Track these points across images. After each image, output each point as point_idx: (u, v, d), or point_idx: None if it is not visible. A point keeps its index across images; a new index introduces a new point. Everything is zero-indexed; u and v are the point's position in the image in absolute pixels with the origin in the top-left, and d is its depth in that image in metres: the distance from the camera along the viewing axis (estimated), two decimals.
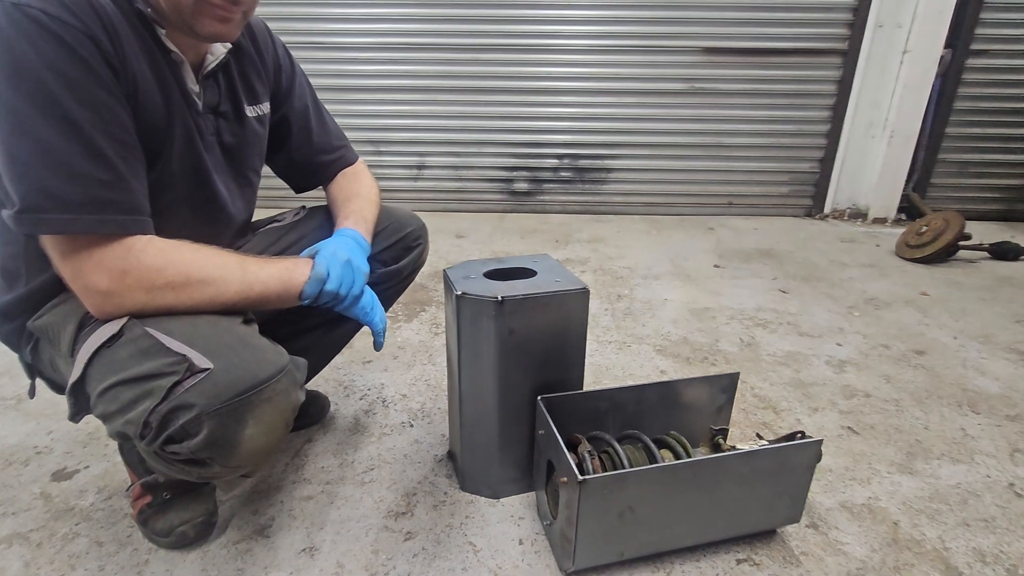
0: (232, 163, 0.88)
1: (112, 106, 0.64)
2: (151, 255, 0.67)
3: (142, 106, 0.69)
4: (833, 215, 3.29)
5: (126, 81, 0.67)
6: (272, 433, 0.67)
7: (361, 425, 1.25)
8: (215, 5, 0.70)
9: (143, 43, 0.69)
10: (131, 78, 0.67)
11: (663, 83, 3.11)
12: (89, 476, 1.07)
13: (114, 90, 0.64)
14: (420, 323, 1.78)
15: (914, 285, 2.19)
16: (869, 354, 1.61)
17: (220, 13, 0.71)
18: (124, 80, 0.66)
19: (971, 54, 3.00)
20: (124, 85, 0.66)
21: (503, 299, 0.87)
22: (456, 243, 2.68)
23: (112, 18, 0.65)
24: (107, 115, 0.64)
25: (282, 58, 0.96)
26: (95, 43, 0.62)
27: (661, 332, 1.73)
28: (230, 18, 0.73)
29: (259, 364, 0.65)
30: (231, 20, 0.73)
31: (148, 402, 0.61)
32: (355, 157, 1.08)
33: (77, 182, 0.62)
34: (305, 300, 0.78)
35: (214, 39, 0.74)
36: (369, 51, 3.10)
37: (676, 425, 1.01)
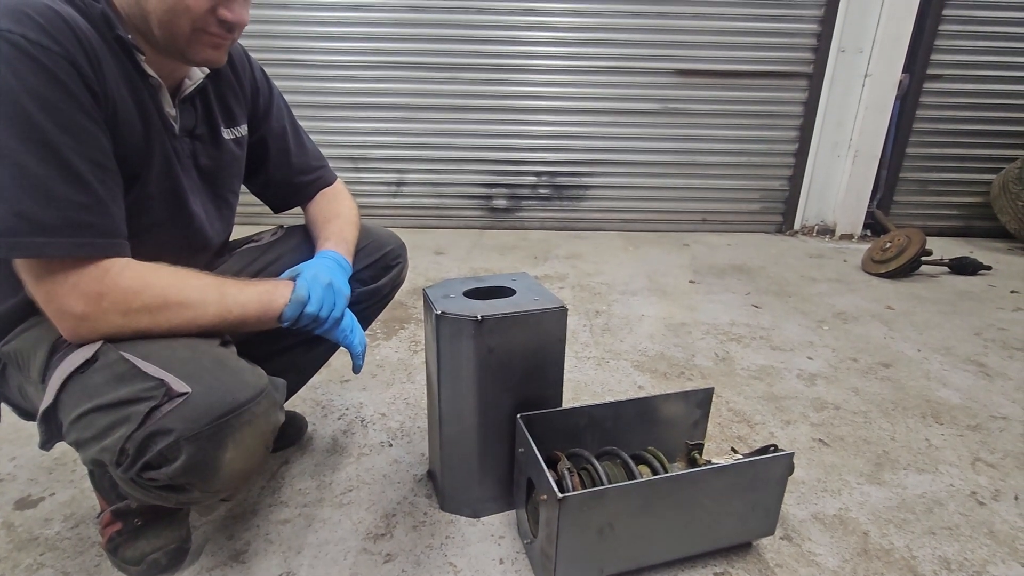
0: (209, 185, 0.88)
1: (91, 130, 0.64)
2: (128, 278, 0.66)
3: (121, 130, 0.69)
4: (802, 231, 3.40)
5: (105, 105, 0.67)
6: (252, 456, 0.66)
7: (339, 446, 1.23)
8: (212, 34, 0.72)
9: (123, 68, 0.70)
10: (111, 102, 0.67)
11: (638, 103, 3.20)
12: (55, 504, 1.03)
13: (93, 114, 0.64)
14: (399, 341, 1.77)
15: (880, 299, 2.27)
16: (838, 367, 1.66)
17: (215, 41, 0.73)
18: (103, 104, 0.66)
19: (927, 78, 3.16)
20: (103, 109, 0.66)
21: (482, 318, 0.88)
22: (435, 260, 2.68)
23: (93, 43, 0.65)
24: (85, 139, 0.64)
25: (259, 80, 0.97)
26: (75, 68, 0.62)
27: (638, 348, 1.76)
28: (222, 45, 0.75)
29: (238, 387, 0.65)
30: (223, 47, 0.76)
31: (125, 428, 0.60)
32: (334, 177, 1.09)
33: (54, 205, 0.61)
34: (285, 323, 0.78)
35: (205, 64, 0.76)
36: (348, 69, 3.12)
37: (653, 440, 1.03)
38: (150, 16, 0.69)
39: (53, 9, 0.62)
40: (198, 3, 0.69)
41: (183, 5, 0.68)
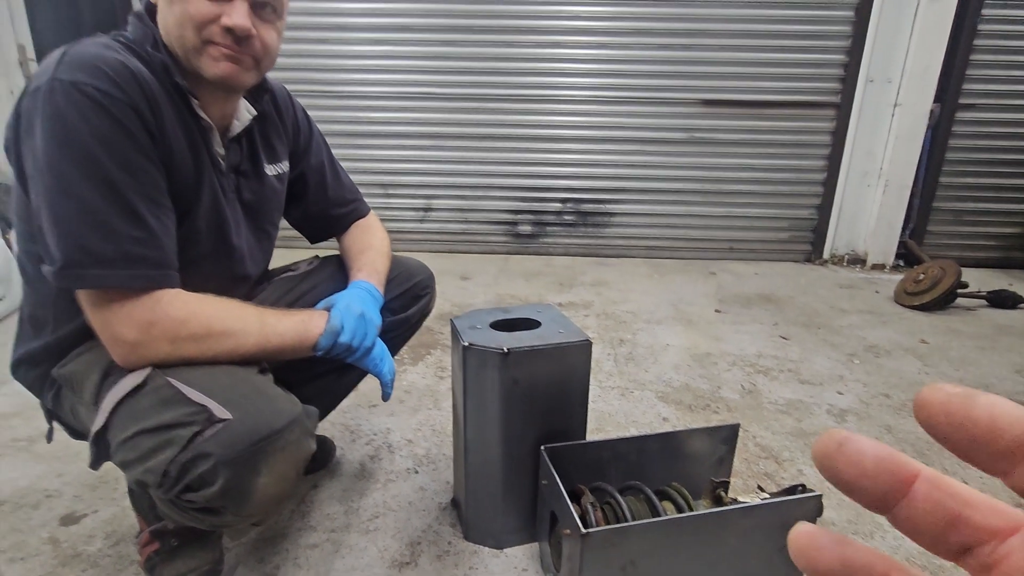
0: (251, 218, 0.93)
1: (148, 169, 0.70)
2: (177, 308, 0.71)
3: (175, 168, 0.75)
4: (832, 260, 3.34)
5: (162, 146, 0.73)
6: (284, 482, 0.69)
7: (367, 471, 1.26)
8: (219, 45, 0.73)
9: (178, 111, 0.76)
10: (167, 143, 0.73)
11: (663, 132, 3.23)
12: (97, 521, 1.08)
13: (151, 154, 0.70)
14: (426, 366, 1.80)
15: (913, 333, 2.21)
16: (870, 403, 1.63)
17: (224, 52, 0.74)
18: (160, 145, 0.72)
19: (960, 108, 3.11)
20: (160, 149, 0.72)
21: (508, 351, 0.91)
22: (461, 285, 2.73)
23: (154, 90, 0.71)
24: (143, 177, 0.70)
25: (300, 120, 1.03)
26: (137, 113, 0.68)
27: (663, 378, 1.75)
28: (238, 59, 0.75)
29: (274, 414, 0.68)
30: (239, 62, 0.75)
31: (169, 451, 0.64)
32: (367, 209, 1.14)
33: (112, 239, 0.67)
34: (320, 351, 0.81)
35: (223, 82, 0.76)
36: (380, 99, 3.24)
37: (677, 475, 1.02)
38: (171, 37, 0.73)
39: (122, 62, 0.68)
40: (199, 9, 0.71)
41: (187, 15, 0.71)
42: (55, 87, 0.64)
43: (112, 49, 0.70)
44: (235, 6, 0.73)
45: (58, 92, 0.64)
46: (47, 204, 0.65)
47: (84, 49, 0.68)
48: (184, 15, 0.72)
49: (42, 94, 0.64)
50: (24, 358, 0.82)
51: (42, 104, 0.64)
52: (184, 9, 0.72)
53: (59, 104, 0.64)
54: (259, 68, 0.81)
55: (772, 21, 3.04)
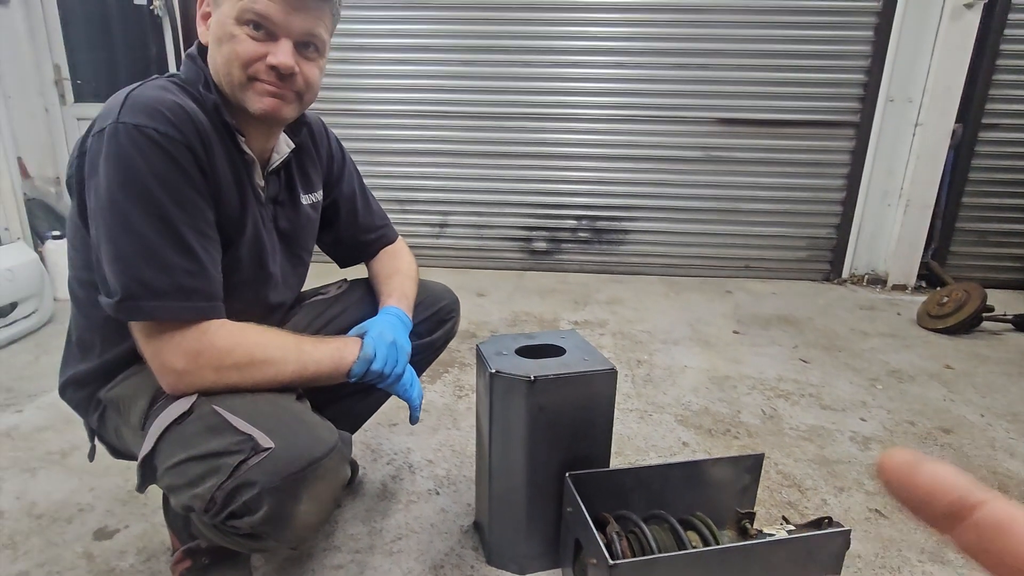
0: (287, 245, 0.96)
1: (200, 204, 0.73)
2: (222, 337, 0.74)
3: (222, 201, 0.79)
4: (852, 280, 3.31)
5: (212, 181, 0.76)
6: (323, 509, 0.71)
7: (389, 491, 1.27)
8: (264, 81, 0.76)
9: (227, 148, 0.79)
10: (216, 178, 0.77)
11: (679, 151, 3.24)
12: (129, 536, 1.10)
13: (203, 191, 0.74)
14: (444, 385, 1.82)
15: (937, 357, 2.18)
16: (894, 431, 1.60)
17: (268, 89, 0.77)
18: (211, 180, 0.76)
19: (983, 128, 3.09)
20: (210, 184, 0.76)
21: (535, 378, 0.92)
22: (477, 302, 2.75)
23: (206, 129, 0.75)
24: (195, 212, 0.73)
25: (335, 150, 1.06)
26: (192, 152, 0.72)
27: (682, 401, 1.75)
28: (281, 95, 0.78)
29: (314, 443, 0.70)
30: (283, 97, 0.78)
31: (215, 479, 0.66)
32: (396, 235, 1.17)
33: (167, 272, 0.70)
34: (353, 378, 0.83)
35: (267, 116, 0.79)
36: (398, 117, 3.31)
37: (701, 504, 1.02)
38: (220, 75, 0.77)
39: (179, 104, 0.72)
40: (246, 49, 0.74)
41: (235, 53, 0.75)
42: (119, 130, 0.68)
43: (169, 91, 0.73)
44: (280, 46, 0.76)
45: (121, 134, 0.68)
46: (108, 239, 0.69)
47: (144, 92, 0.71)
48: (232, 54, 0.75)
49: (106, 136, 0.68)
50: (71, 380, 0.85)
51: (106, 145, 0.68)
52: (232, 49, 0.75)
53: (122, 145, 0.68)
54: (301, 102, 0.84)
55: (789, 41, 3.05)
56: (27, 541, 1.09)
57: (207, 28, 0.78)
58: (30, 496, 1.23)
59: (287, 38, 0.76)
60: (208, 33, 0.77)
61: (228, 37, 0.74)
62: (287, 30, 0.75)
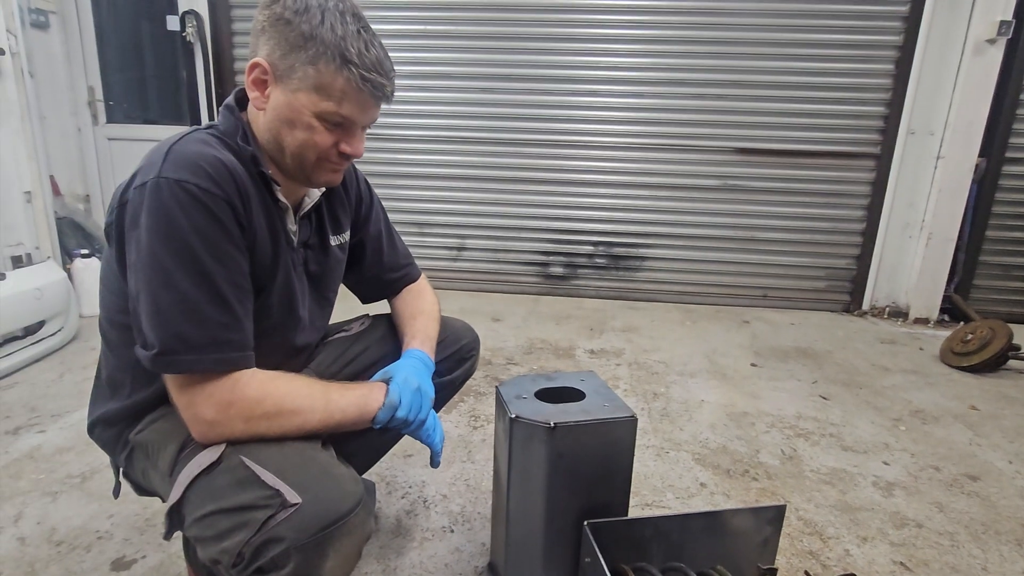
0: (315, 287, 0.98)
1: (236, 258, 0.75)
2: (253, 388, 0.74)
3: (257, 250, 0.81)
4: (872, 312, 3.26)
5: (249, 234, 0.78)
6: (349, 563, 0.71)
7: (403, 527, 1.27)
8: (332, 162, 0.84)
9: (262, 197, 0.82)
10: (252, 229, 0.79)
11: (696, 179, 3.25)
12: (146, 567, 1.11)
13: (240, 244, 0.76)
14: (459, 415, 1.81)
15: (962, 397, 2.13)
16: (919, 476, 1.56)
17: (335, 167, 0.85)
18: (248, 233, 0.78)
19: (1006, 161, 3.05)
20: (247, 238, 0.78)
21: (556, 425, 0.91)
22: (492, 327, 2.75)
23: (246, 183, 0.77)
24: (232, 265, 0.75)
25: (363, 191, 1.08)
26: (232, 208, 0.74)
27: (699, 438, 1.72)
28: (341, 170, 0.88)
29: (341, 498, 0.70)
30: (340, 171, 0.88)
31: (243, 533, 0.66)
32: (419, 274, 1.18)
33: (204, 326, 0.71)
34: (378, 425, 0.84)
35: (325, 185, 0.90)
36: (418, 142, 3.36)
37: (720, 555, 1.00)
38: (285, 150, 0.82)
39: (220, 160, 0.74)
40: (324, 140, 0.81)
41: (312, 142, 0.80)
42: (161, 184, 0.70)
43: (209, 145, 0.76)
44: (356, 137, 0.83)
45: (164, 189, 0.70)
46: (148, 292, 0.70)
47: (187, 147, 0.74)
48: (310, 143, 0.80)
49: (148, 190, 0.70)
50: (100, 419, 0.86)
51: (148, 199, 0.70)
52: (311, 138, 0.80)
53: (164, 200, 0.70)
54: None
55: (810, 73, 3.06)
56: (46, 569, 1.10)
57: (264, 96, 0.79)
58: (50, 521, 1.24)
59: (361, 127, 0.83)
60: (265, 102, 0.80)
61: (305, 127, 0.79)
62: (363, 123, 0.83)
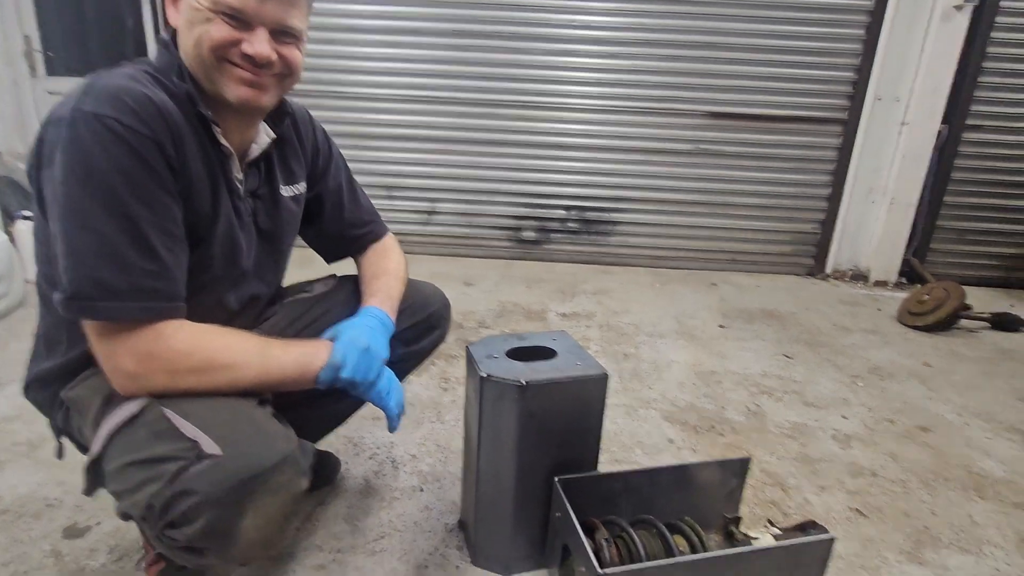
0: (266, 241, 0.92)
1: (166, 202, 0.69)
2: (179, 340, 0.69)
3: (193, 198, 0.74)
4: (834, 275, 3.35)
5: (182, 178, 0.72)
6: (270, 524, 0.68)
7: (371, 488, 1.25)
8: (238, 66, 0.73)
9: (200, 141, 0.75)
10: (187, 175, 0.72)
11: (669, 143, 3.22)
12: (100, 534, 1.07)
13: (170, 188, 0.69)
14: (429, 377, 1.79)
15: (917, 355, 2.22)
16: (875, 429, 1.63)
17: (244, 76, 0.74)
18: (181, 177, 0.71)
19: (967, 128, 3.12)
20: (180, 182, 0.71)
21: (527, 383, 0.90)
22: (464, 291, 2.72)
23: (178, 123, 0.70)
24: (160, 210, 0.68)
25: (321, 142, 1.02)
26: (159, 148, 0.67)
27: (668, 396, 1.75)
28: (259, 83, 0.75)
29: (266, 452, 0.66)
30: (261, 86, 0.75)
31: (154, 485, 0.63)
32: (385, 231, 1.12)
33: (126, 272, 0.66)
34: (320, 385, 0.80)
35: (245, 106, 0.76)
36: (387, 101, 3.22)
37: (688, 507, 1.02)
38: (191, 59, 0.73)
39: (147, 96, 0.67)
40: (219, 32, 0.71)
41: (208, 35, 0.71)
42: (77, 118, 0.63)
43: (138, 81, 0.68)
44: (256, 35, 0.73)
45: (80, 124, 0.63)
46: (64, 234, 0.64)
47: (110, 80, 0.66)
48: (204, 35, 0.71)
49: (65, 125, 0.63)
50: (36, 378, 0.81)
51: (65, 135, 0.63)
52: (205, 30, 0.71)
53: (81, 136, 0.63)
54: (282, 86, 0.81)
55: (781, 36, 3.04)
56: None
57: (177, 11, 0.73)
58: None
59: (262, 27, 0.73)
60: (178, 16, 0.72)
61: (201, 20, 0.70)
62: (261, 19, 0.72)
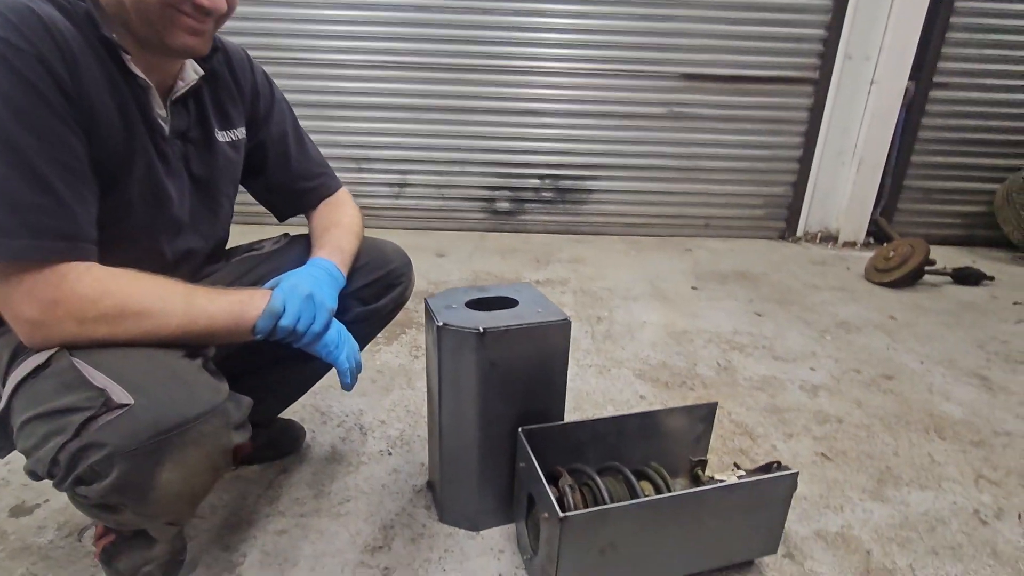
0: (201, 189, 0.86)
1: (59, 131, 0.63)
2: (86, 284, 0.64)
3: (99, 132, 0.68)
4: (805, 238, 3.38)
5: (80, 107, 0.65)
6: (195, 478, 0.64)
7: (338, 453, 1.22)
8: (185, 14, 0.69)
9: (105, 69, 0.68)
10: (86, 104, 0.66)
11: (643, 107, 3.18)
12: (49, 511, 1.02)
13: (64, 117, 0.63)
14: (400, 346, 1.76)
15: (882, 309, 2.26)
16: (841, 379, 1.65)
17: (191, 24, 0.70)
18: (78, 106, 0.65)
19: (933, 86, 3.14)
20: (77, 111, 0.65)
21: (485, 331, 0.87)
22: (437, 262, 2.67)
23: (71, 43, 0.63)
24: (52, 140, 0.62)
25: (260, 85, 0.95)
26: (46, 68, 0.60)
27: (640, 356, 1.75)
28: (201, 31, 0.72)
29: (187, 402, 0.62)
30: (203, 33, 0.72)
31: (58, 439, 0.59)
32: (338, 185, 1.07)
33: (14, 209, 0.60)
34: (259, 335, 0.75)
35: (186, 53, 0.73)
36: (352, 68, 3.10)
37: (656, 454, 1.02)
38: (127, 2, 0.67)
39: (30, 8, 0.60)
40: None
41: None
42: None
43: None
44: None
45: None
46: None
47: None
48: None
49: None
50: None
51: None
52: None
53: None
54: (217, 26, 0.75)
55: None
56: None
57: None
58: None
59: None
60: None
61: None
62: None
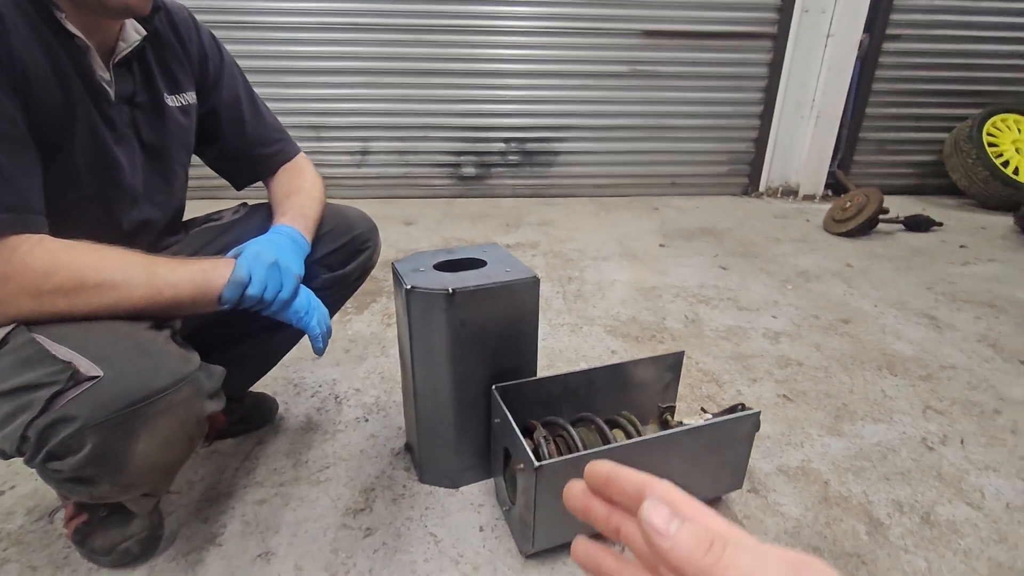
0: (153, 157, 0.82)
1: None
2: (38, 257, 0.61)
3: (34, 96, 0.64)
4: (767, 193, 3.46)
5: (10, 69, 0.61)
6: (170, 448, 0.64)
7: (314, 423, 1.22)
8: None
9: (35, 30, 0.64)
10: (17, 66, 0.61)
11: (606, 65, 3.14)
12: (16, 497, 1.00)
13: None
14: (371, 314, 1.75)
15: (840, 258, 2.34)
16: (801, 325, 1.72)
17: None
18: (8, 68, 0.61)
19: (887, 38, 3.19)
20: (8, 74, 0.61)
21: (454, 291, 0.87)
22: (405, 231, 2.63)
23: None
24: None
25: (208, 47, 0.90)
26: None
27: (611, 312, 1.78)
28: None
29: (156, 372, 0.61)
30: None
31: (26, 415, 0.57)
32: (296, 150, 1.03)
33: None
34: (225, 305, 0.73)
35: (126, 12, 0.69)
36: (307, 31, 2.96)
37: (626, 404, 1.05)
38: None
39: None
40: None
41: None
42: None
43: None
44: None
45: None
46: None
47: None
48: None
49: None
50: None
51: None
52: None
53: None
54: None
55: None
56: None
57: None
58: None
59: None
60: None
61: None
62: None
